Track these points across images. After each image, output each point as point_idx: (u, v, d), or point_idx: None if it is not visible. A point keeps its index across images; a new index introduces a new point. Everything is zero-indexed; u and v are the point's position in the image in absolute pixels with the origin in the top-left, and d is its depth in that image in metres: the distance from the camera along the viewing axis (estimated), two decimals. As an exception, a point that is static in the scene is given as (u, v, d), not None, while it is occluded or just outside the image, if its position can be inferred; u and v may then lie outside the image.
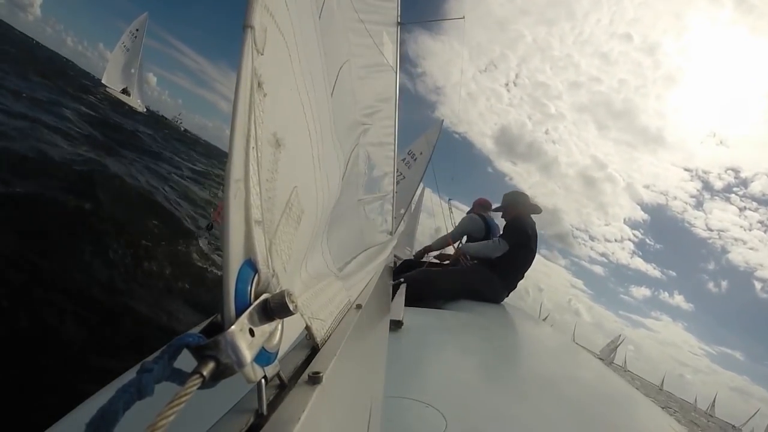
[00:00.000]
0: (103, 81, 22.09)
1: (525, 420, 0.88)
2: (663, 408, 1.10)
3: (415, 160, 7.37)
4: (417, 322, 1.67)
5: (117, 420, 0.21)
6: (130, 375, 0.23)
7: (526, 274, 2.75)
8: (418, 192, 7.57)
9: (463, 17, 5.65)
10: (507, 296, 2.72)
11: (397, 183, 5.87)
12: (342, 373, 0.48)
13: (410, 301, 1.95)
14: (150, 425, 0.21)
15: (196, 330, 0.27)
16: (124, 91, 22.23)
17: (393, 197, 2.64)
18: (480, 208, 3.57)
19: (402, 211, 5.81)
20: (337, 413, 0.44)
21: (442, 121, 8.03)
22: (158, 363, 0.25)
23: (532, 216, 2.84)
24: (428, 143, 7.53)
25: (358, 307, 0.74)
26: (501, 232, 2.85)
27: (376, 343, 0.91)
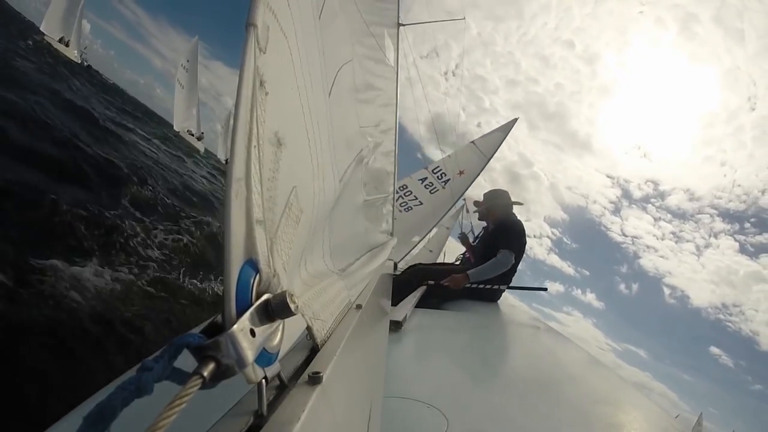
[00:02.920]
0: (41, 29, 19.86)
1: (527, 421, 0.88)
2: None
3: (445, 182, 5.47)
4: (417, 322, 1.66)
5: (115, 416, 0.21)
6: (130, 374, 0.23)
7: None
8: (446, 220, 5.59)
9: (464, 18, 5.65)
10: (504, 291, 2.70)
11: (410, 208, 5.24)
12: (342, 373, 0.48)
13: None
14: (150, 426, 0.21)
15: (197, 330, 0.27)
16: (61, 41, 20.14)
17: (393, 197, 2.63)
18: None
19: (415, 239, 4.74)
20: (337, 414, 0.43)
21: (516, 120, 5.99)
22: (158, 362, 0.24)
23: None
24: (481, 155, 5.59)
25: (358, 307, 0.74)
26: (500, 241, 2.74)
27: (376, 343, 0.91)
